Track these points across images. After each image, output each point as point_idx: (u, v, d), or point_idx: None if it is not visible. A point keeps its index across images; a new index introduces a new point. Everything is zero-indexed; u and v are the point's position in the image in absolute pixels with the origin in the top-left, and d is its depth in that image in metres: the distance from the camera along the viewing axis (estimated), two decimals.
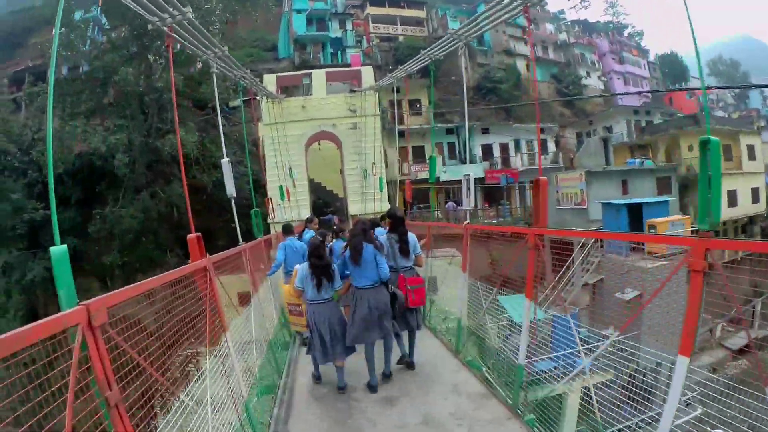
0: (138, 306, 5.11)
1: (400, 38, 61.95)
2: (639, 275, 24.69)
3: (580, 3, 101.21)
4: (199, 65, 38.18)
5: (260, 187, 30.72)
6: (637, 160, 45.85)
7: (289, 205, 29.99)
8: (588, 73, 79.68)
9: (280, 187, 28.77)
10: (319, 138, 38.14)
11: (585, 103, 72.66)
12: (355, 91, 35.76)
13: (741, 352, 28.81)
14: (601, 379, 9.13)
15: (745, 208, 47.67)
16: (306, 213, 30.81)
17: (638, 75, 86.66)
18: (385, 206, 31.73)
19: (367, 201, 33.19)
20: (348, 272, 8.71)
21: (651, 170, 42.58)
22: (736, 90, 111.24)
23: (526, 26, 71.53)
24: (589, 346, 8.17)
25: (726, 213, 44.10)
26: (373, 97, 34.62)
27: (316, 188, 45.19)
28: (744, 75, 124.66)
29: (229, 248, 9.48)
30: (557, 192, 41.34)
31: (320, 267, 8.34)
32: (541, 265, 8.66)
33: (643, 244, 24.54)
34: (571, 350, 8.05)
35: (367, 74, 36.63)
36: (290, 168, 31.38)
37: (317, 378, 9.24)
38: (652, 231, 24.50)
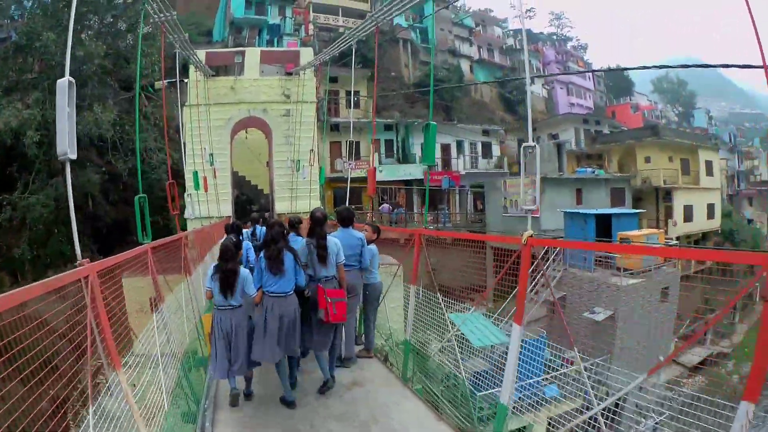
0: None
1: (341, 29, 59.00)
2: (611, 293, 23.74)
3: (526, 13, 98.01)
4: (130, 41, 36.15)
5: (180, 177, 26.61)
6: (589, 169, 45.08)
7: (207, 199, 27.03)
8: (533, 80, 75.57)
9: (195, 174, 23.95)
10: (247, 125, 35.99)
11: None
12: (291, 73, 33.66)
13: None
14: (569, 408, 8.23)
15: (700, 223, 47.95)
16: (227, 209, 29.67)
17: (582, 86, 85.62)
18: (317, 205, 29.50)
19: (298, 198, 30.88)
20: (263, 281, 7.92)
21: (605, 180, 41.84)
22: (680, 108, 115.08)
23: (473, 27, 72.61)
24: (555, 373, 8.38)
25: (682, 228, 44.77)
26: (311, 81, 32.63)
27: (239, 182, 42.76)
28: (690, 94, 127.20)
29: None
30: (504, 198, 40.09)
31: (227, 272, 7.72)
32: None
33: (611, 259, 24.30)
34: (539, 377, 8.31)
35: (307, 57, 33.69)
36: (211, 155, 28.37)
37: (235, 392, 8.16)
38: (626, 244, 22.31)
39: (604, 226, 28.51)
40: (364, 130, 45.54)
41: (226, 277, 7.68)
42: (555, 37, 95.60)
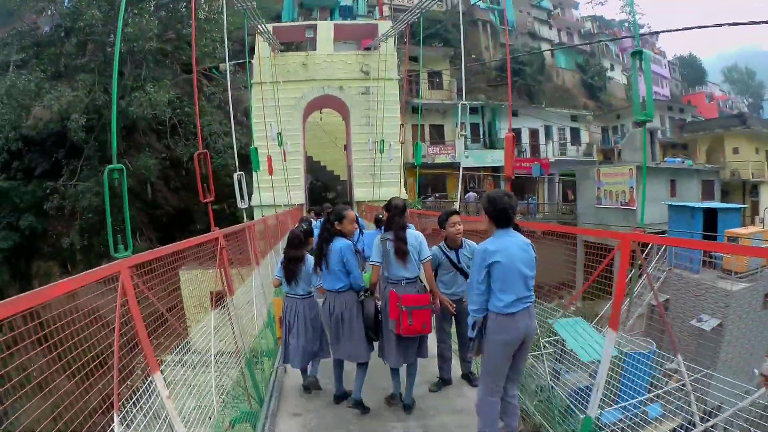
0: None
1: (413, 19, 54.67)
2: (719, 299, 20.38)
3: None
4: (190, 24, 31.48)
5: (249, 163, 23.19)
6: (678, 159, 40.45)
7: (275, 185, 22.43)
8: (612, 66, 73.88)
9: (254, 151, 16.87)
10: (321, 105, 32.41)
11: (609, 97, 67.66)
12: (369, 48, 29.66)
13: None
14: (668, 428, 7.32)
15: None
16: (300, 196, 26.45)
17: (659, 74, 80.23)
18: (401, 193, 26.73)
19: (381, 184, 26.84)
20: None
21: (696, 171, 37.78)
22: (750, 99, 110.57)
23: (551, 9, 69.25)
24: (659, 391, 7.31)
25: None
26: (393, 56, 28.80)
27: (314, 168, 39.45)
28: (759, 84, 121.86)
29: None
30: (598, 189, 35.57)
31: (292, 259, 7.47)
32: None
33: (717, 259, 21.68)
34: (645, 396, 7.04)
35: (386, 30, 28.84)
36: (279, 134, 23.72)
37: (306, 388, 7.86)
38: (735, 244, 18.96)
39: (709, 221, 24.88)
40: (448, 112, 41.86)
41: (290, 265, 7.41)
42: (626, 24, 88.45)
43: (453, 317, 7.29)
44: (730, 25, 16.14)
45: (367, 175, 28.07)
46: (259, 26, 22.87)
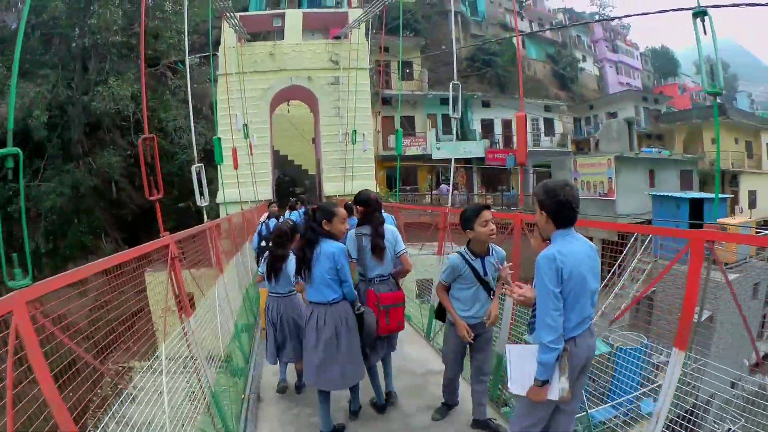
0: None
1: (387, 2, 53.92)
2: (710, 290, 19.23)
3: None
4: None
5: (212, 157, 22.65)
6: (654, 149, 40.37)
7: (241, 180, 21.02)
8: (584, 57, 73.86)
9: (217, 142, 15.13)
10: (289, 96, 31.73)
11: (581, 88, 68.10)
12: (338, 37, 28.82)
13: None
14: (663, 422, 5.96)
15: (763, 210, 42.20)
16: (267, 192, 25.39)
17: (631, 66, 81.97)
18: (373, 187, 26.18)
19: (353, 178, 26.10)
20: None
21: (675, 161, 37.55)
22: (723, 92, 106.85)
23: (522, 0, 68.19)
24: (652, 386, 7.26)
25: (746, 214, 39.41)
26: (364, 45, 28.31)
27: (281, 162, 38.51)
28: (733, 77, 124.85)
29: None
30: (574, 180, 34.34)
31: (276, 257, 7.11)
32: None
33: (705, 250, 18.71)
34: (639, 391, 6.96)
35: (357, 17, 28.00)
36: (245, 125, 22.72)
37: (283, 384, 7.66)
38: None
39: (695, 211, 25.14)
40: (418, 103, 41.44)
41: (272, 262, 7.06)
42: (597, 16, 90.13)
43: (468, 345, 6.11)
44: (688, 9, 15.39)
45: (337, 169, 27.24)
46: (225, 12, 22.41)
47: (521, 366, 4.12)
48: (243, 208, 19.54)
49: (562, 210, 3.99)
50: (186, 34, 14.31)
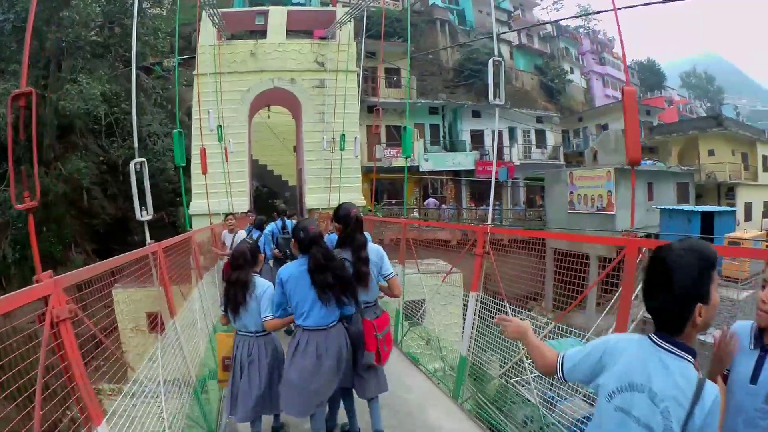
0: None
1: (372, 9, 52.76)
2: (726, 308, 17.55)
3: (553, 4, 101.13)
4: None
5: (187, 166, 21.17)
6: (649, 162, 39.28)
7: (216, 190, 19.91)
8: (572, 69, 74.09)
9: (177, 136, 12.56)
10: (270, 100, 29.89)
11: (569, 100, 68.20)
12: (325, 37, 27.16)
13: None
14: None
15: (757, 223, 42.16)
16: (244, 203, 23.43)
17: (617, 78, 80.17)
18: (359, 199, 25.37)
19: (339, 189, 23.97)
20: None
21: (672, 174, 37.03)
22: (708, 103, 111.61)
23: (511, 10, 68.35)
24: None
25: (743, 227, 37.19)
26: (352, 45, 26.81)
27: (260, 173, 37.24)
28: (718, 90, 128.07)
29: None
30: (570, 193, 33.80)
31: (231, 285, 5.74)
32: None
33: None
34: None
35: (343, 16, 26.23)
36: (219, 126, 20.32)
37: None
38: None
39: (704, 225, 25.29)
40: (405, 113, 37.58)
41: (231, 291, 5.66)
42: (582, 29, 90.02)
43: None
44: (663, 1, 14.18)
45: (320, 179, 25.54)
46: (206, 5, 20.61)
47: None
48: (212, 222, 17.03)
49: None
50: (178, 35, 13.21)
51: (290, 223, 11.33)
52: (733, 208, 30.79)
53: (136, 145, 8.07)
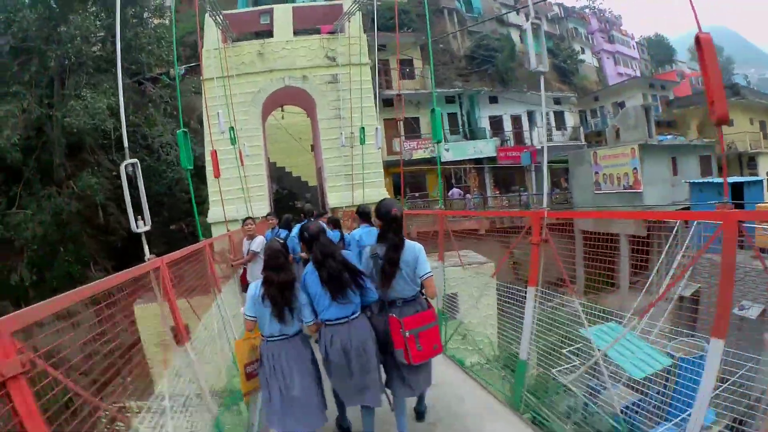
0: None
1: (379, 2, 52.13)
2: (761, 281, 17.45)
3: None
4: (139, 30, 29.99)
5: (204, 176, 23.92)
6: (669, 136, 38.23)
7: (221, 193, 17.80)
8: (582, 49, 71.90)
9: (181, 137, 10.19)
10: (282, 99, 29.01)
11: (582, 80, 66.63)
12: (334, 32, 26.18)
13: None
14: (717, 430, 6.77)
15: None
16: (263, 207, 22.45)
17: (628, 55, 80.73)
18: (384, 195, 23.51)
19: (363, 185, 23.71)
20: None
21: (694, 147, 35.77)
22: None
23: None
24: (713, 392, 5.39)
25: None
26: (364, 38, 25.87)
27: (279, 175, 36.44)
28: (727, 60, 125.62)
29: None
30: (596, 173, 33.05)
31: (280, 285, 5.25)
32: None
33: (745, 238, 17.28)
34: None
35: (350, 7, 25.26)
36: (232, 128, 18.86)
37: None
38: None
39: (734, 196, 23.23)
40: (421, 103, 38.84)
41: (280, 294, 5.12)
42: (587, 9, 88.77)
43: None
44: None
45: (341, 177, 24.82)
46: (209, 8, 19.97)
47: None
48: (229, 229, 15.75)
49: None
50: (176, 40, 13.56)
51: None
52: (760, 178, 29.85)
53: (125, 143, 6.72)
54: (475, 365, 8.85)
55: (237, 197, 20.22)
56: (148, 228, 6.11)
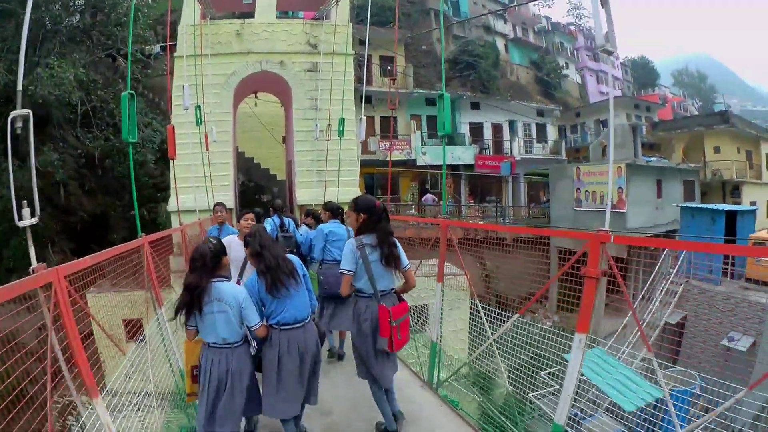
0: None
1: None
2: (754, 313, 17.63)
3: (544, 0, 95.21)
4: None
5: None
6: (653, 159, 38.17)
7: (190, 182, 17.81)
8: (566, 64, 72.41)
9: (125, 98, 8.18)
10: (257, 85, 28.03)
11: (565, 95, 66.17)
12: (317, 19, 25.02)
13: None
14: None
15: (761, 222, 38.25)
16: (228, 199, 21.13)
17: (612, 75, 79.80)
18: (357, 194, 20.40)
19: (337, 182, 22.12)
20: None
21: (679, 171, 35.79)
22: (700, 102, 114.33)
23: (506, 3, 67.04)
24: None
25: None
26: (348, 26, 24.72)
27: (247, 167, 34.91)
28: (711, 88, 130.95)
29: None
30: (577, 190, 32.21)
31: (190, 292, 5.09)
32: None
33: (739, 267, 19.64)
34: None
35: None
36: (198, 107, 17.59)
37: None
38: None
39: (727, 224, 23.30)
40: (401, 103, 37.83)
41: (192, 298, 4.88)
42: (573, 26, 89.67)
43: None
44: None
45: (312, 172, 23.66)
46: None
47: None
48: (181, 222, 14.42)
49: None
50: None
51: (288, 221, 11.06)
52: (753, 207, 29.04)
53: (21, 77, 5.37)
54: (443, 381, 8.31)
55: (198, 185, 18.39)
56: (35, 221, 4.83)
